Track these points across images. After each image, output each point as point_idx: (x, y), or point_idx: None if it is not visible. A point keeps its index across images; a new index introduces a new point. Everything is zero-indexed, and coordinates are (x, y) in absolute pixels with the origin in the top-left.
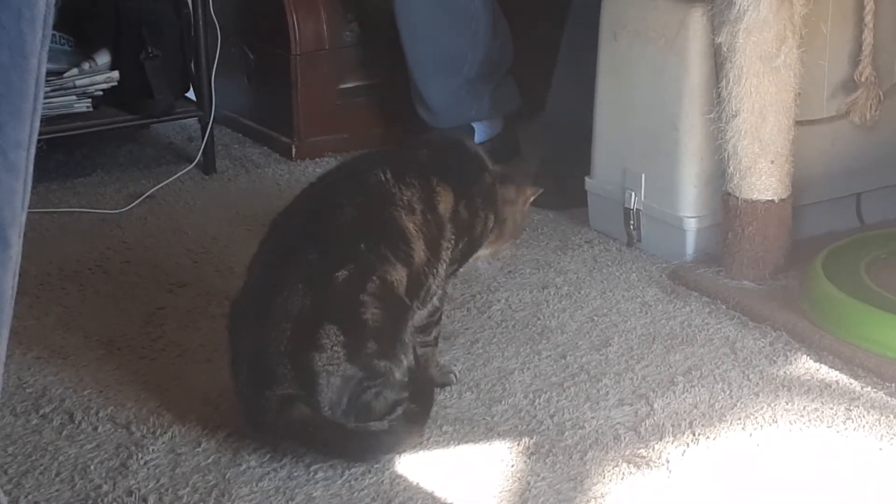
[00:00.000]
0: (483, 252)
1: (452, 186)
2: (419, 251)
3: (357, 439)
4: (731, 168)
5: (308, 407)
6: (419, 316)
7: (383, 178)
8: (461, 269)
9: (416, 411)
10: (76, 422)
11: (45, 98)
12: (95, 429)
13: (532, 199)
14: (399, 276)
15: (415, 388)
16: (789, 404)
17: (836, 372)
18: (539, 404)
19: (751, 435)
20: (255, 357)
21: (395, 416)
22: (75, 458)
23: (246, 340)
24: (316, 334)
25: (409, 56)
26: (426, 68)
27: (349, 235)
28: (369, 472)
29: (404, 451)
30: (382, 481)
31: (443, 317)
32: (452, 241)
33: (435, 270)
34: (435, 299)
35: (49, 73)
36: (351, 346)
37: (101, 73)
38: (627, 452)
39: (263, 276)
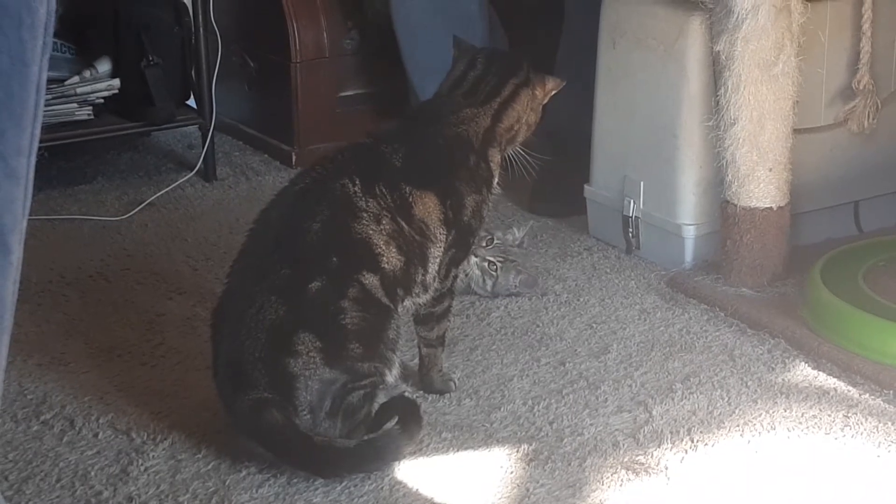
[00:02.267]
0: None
1: (433, 190)
2: (391, 258)
3: (320, 453)
4: (730, 176)
5: (280, 412)
6: (419, 302)
7: (351, 188)
8: (477, 236)
9: (396, 434)
10: (77, 428)
11: (47, 105)
12: (96, 435)
13: (554, 92)
14: (373, 282)
15: (403, 412)
16: (787, 411)
17: (835, 379)
18: (538, 411)
19: (749, 442)
20: (230, 364)
21: (368, 435)
22: (76, 464)
23: (223, 348)
24: (290, 341)
25: (407, 60)
26: (424, 72)
27: (318, 250)
28: (369, 478)
29: (368, 472)
30: (382, 487)
31: (450, 315)
32: (444, 235)
33: (423, 268)
34: (436, 283)
35: (50, 81)
36: (329, 352)
37: (102, 81)
38: (626, 459)
39: (238, 290)
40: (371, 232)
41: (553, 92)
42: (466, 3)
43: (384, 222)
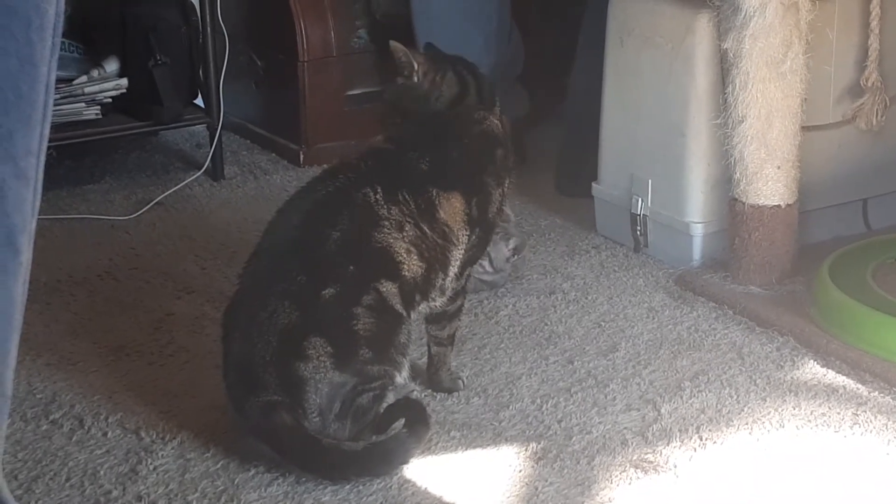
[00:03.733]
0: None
1: (460, 189)
2: (412, 265)
3: (328, 456)
4: (738, 173)
5: (290, 414)
6: (436, 305)
7: (373, 196)
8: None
9: (403, 437)
10: (86, 427)
11: (55, 105)
12: (105, 434)
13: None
14: (391, 289)
15: (410, 415)
16: (796, 409)
17: (843, 377)
18: (546, 409)
19: (758, 440)
20: (241, 366)
21: (376, 437)
22: (85, 463)
23: (234, 350)
24: (301, 346)
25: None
26: None
27: (336, 259)
28: (377, 477)
29: (376, 476)
30: (391, 486)
31: (462, 314)
32: (466, 236)
33: (444, 273)
34: (453, 284)
35: (58, 81)
36: (339, 356)
37: (109, 81)
38: (635, 457)
39: (251, 292)
40: (392, 240)
41: None
42: None
43: (406, 229)
